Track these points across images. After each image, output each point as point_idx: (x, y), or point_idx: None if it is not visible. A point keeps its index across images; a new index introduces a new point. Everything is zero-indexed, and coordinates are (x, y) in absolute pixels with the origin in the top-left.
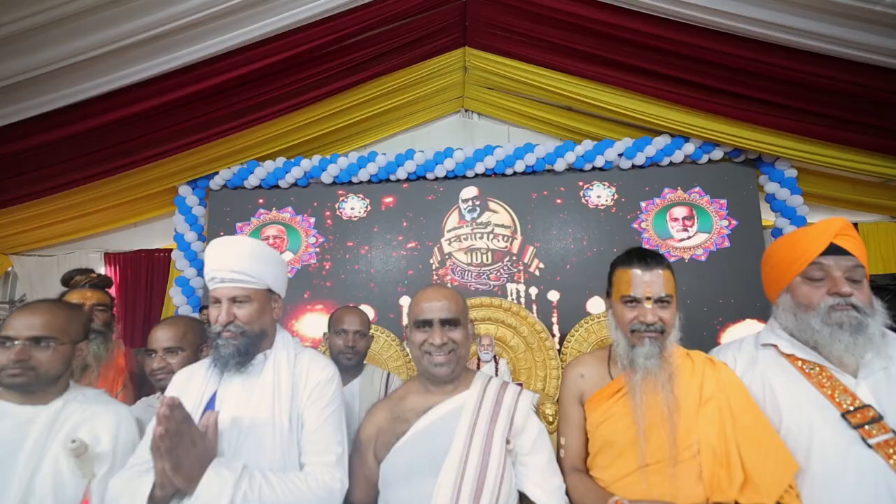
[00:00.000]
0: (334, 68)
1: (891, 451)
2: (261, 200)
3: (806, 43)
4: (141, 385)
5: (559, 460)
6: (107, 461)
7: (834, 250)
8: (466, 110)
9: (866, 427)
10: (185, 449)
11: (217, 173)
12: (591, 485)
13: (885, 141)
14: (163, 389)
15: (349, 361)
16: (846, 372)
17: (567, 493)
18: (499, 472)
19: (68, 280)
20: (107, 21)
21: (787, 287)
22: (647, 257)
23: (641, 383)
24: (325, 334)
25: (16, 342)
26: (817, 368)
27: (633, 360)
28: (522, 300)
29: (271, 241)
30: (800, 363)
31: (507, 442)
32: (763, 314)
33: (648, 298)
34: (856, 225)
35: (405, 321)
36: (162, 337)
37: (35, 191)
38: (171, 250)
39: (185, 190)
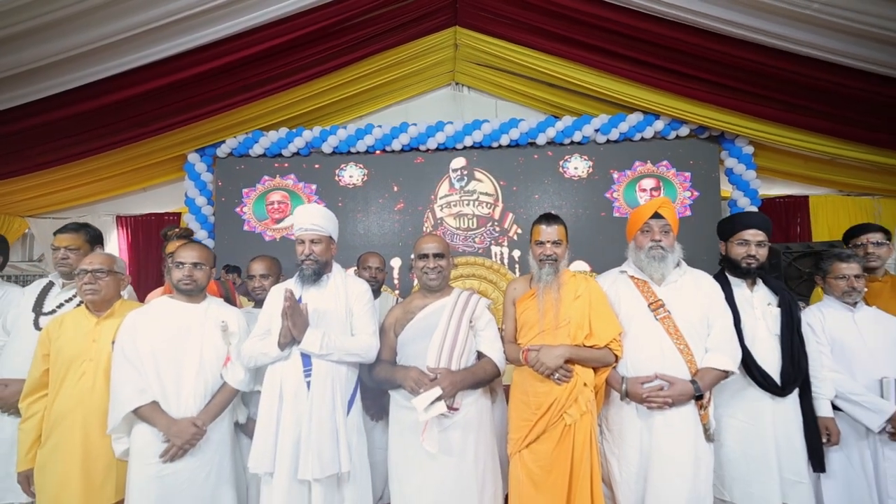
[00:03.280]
0: (334, 47)
1: (666, 323)
2: (265, 167)
3: (764, 40)
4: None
5: (501, 338)
6: (235, 337)
7: (656, 216)
8: (457, 84)
9: (657, 311)
10: (298, 316)
11: (224, 142)
12: (515, 347)
13: (833, 125)
14: (260, 301)
15: (372, 287)
16: (656, 283)
17: (504, 354)
18: (464, 338)
19: (163, 236)
20: (127, 10)
21: (633, 237)
22: (550, 218)
23: (543, 289)
24: (355, 270)
25: (185, 265)
26: (642, 282)
27: (539, 277)
28: (506, 261)
29: (276, 206)
30: (635, 281)
31: (470, 321)
32: None
33: (548, 241)
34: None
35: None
36: (258, 267)
37: (52, 159)
38: (180, 214)
39: (193, 157)
